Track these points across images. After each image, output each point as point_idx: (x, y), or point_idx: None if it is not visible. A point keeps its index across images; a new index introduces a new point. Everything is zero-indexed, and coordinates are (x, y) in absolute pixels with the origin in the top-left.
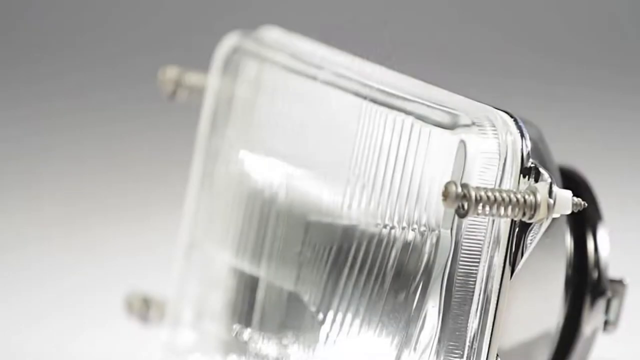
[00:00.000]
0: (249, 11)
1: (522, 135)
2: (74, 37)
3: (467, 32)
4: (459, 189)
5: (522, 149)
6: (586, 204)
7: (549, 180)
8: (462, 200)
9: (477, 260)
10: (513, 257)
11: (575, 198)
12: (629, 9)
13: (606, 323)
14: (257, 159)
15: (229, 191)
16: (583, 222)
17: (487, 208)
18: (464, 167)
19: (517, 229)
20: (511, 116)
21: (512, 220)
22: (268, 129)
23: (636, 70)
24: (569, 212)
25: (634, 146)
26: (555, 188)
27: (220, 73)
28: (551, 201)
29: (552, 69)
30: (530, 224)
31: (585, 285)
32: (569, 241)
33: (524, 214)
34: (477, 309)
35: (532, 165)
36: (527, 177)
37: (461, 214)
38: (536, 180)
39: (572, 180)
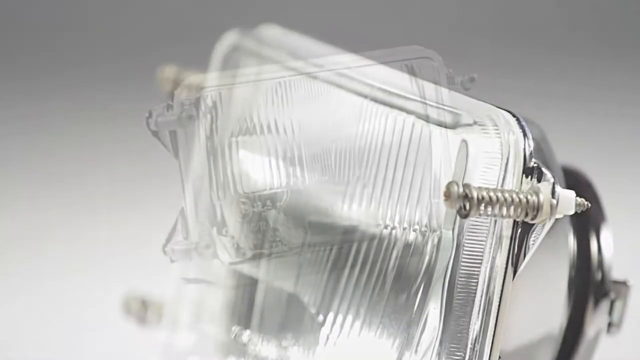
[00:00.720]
0: (248, 10)
1: (525, 135)
2: (73, 37)
3: (467, 32)
4: (461, 189)
5: (524, 148)
6: (589, 204)
7: (552, 180)
8: (463, 201)
9: (479, 261)
10: (515, 258)
11: (578, 198)
12: (630, 8)
13: (610, 325)
14: (257, 159)
15: (229, 191)
16: (586, 222)
17: (489, 208)
18: (466, 167)
19: (519, 230)
20: (514, 115)
21: (514, 220)
22: (268, 128)
23: (638, 69)
24: (572, 212)
25: (638, 146)
26: (558, 188)
27: (219, 71)
28: (554, 201)
29: (554, 69)
30: (533, 224)
31: (589, 286)
32: (572, 242)
33: (526, 215)
34: (479, 311)
35: (535, 165)
36: (529, 177)
37: (463, 214)
38: (539, 180)
39: (575, 180)
